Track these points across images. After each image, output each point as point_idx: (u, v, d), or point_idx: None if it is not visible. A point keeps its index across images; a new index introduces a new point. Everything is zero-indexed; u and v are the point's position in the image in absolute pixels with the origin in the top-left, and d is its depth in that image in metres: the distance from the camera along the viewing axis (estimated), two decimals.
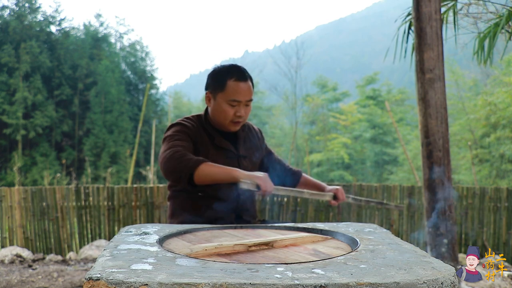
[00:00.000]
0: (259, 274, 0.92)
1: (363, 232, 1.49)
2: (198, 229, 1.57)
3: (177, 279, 0.88)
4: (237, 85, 1.94)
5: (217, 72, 2.00)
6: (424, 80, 3.10)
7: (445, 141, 3.09)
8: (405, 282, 0.90)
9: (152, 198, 5.50)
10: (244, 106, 1.97)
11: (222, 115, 1.97)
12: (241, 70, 1.98)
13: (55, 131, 23.07)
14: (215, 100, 1.98)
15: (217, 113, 1.99)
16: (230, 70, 1.97)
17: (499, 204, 5.39)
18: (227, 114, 1.96)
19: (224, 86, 1.95)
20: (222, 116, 1.97)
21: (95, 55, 25.25)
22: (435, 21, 3.10)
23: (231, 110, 1.95)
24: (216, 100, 1.98)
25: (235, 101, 1.94)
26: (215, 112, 2.00)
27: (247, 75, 1.99)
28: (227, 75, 1.95)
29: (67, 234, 5.48)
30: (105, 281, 0.87)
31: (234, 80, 1.94)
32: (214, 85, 1.99)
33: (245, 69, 2.02)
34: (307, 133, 23.44)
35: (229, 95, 1.94)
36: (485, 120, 14.46)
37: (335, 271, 0.96)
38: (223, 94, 1.95)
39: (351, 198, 2.28)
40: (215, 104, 1.99)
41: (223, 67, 2.01)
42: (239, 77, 1.95)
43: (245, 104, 1.97)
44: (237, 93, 1.94)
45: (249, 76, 2.00)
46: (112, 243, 1.25)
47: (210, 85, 2.02)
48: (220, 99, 1.96)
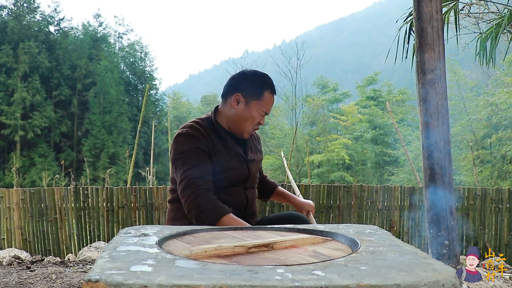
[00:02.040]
0: (259, 276, 0.91)
1: (363, 234, 1.48)
2: (198, 231, 1.56)
3: (176, 280, 0.87)
4: (270, 98, 2.01)
5: (255, 79, 2.01)
6: (425, 80, 3.09)
7: (446, 142, 3.08)
8: (406, 284, 0.90)
9: (151, 199, 5.49)
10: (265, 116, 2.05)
11: (249, 121, 1.99)
12: (273, 84, 2.05)
13: (54, 132, 23.07)
14: (247, 105, 1.98)
15: (243, 119, 1.99)
16: (266, 81, 2.01)
17: (501, 205, 5.38)
18: (254, 122, 2.00)
19: (261, 95, 1.98)
20: (248, 123, 2.00)
21: (94, 55, 25.27)
22: (436, 21, 3.09)
23: (257, 119, 2.00)
24: (248, 106, 1.98)
25: (265, 113, 2.02)
26: (241, 117, 1.99)
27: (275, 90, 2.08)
28: (265, 86, 1.99)
29: (65, 235, 5.47)
30: (104, 282, 0.86)
31: (269, 92, 2.00)
32: (250, 91, 1.98)
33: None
34: (307, 133, 23.42)
35: (263, 106, 1.99)
36: (486, 120, 14.48)
37: (335, 273, 0.96)
38: (259, 103, 1.98)
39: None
40: (245, 109, 1.98)
41: (258, 75, 2.03)
42: (273, 91, 2.02)
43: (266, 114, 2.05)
44: (269, 106, 2.02)
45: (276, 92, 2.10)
46: (111, 244, 1.24)
47: (245, 89, 1.99)
48: (254, 106, 1.98)
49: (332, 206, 5.55)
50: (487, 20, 4.29)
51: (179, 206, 2.01)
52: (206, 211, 1.82)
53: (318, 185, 5.62)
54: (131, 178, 6.82)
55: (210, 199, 1.84)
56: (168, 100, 23.23)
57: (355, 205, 5.54)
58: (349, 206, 5.54)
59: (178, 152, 1.93)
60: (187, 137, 1.93)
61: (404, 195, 5.56)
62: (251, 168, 2.06)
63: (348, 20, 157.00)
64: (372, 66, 72.61)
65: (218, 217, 1.81)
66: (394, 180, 18.27)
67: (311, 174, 19.67)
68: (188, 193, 1.85)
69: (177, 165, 1.93)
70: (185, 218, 1.97)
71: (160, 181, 21.43)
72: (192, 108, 34.12)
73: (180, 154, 1.92)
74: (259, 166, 2.20)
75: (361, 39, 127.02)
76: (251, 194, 2.09)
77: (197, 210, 1.83)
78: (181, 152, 1.92)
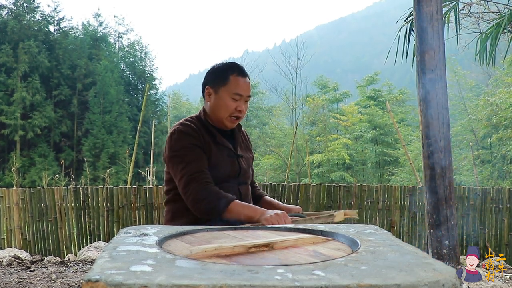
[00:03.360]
0: (259, 276, 0.91)
1: (363, 234, 1.48)
2: (198, 230, 1.56)
3: (176, 280, 0.87)
4: (239, 80, 1.99)
5: (218, 68, 2.04)
6: (425, 80, 3.09)
7: (447, 142, 3.08)
8: (406, 284, 0.89)
9: (151, 199, 5.49)
10: (244, 102, 2.01)
11: (223, 109, 1.98)
12: (241, 67, 2.04)
13: (54, 132, 23.07)
14: (217, 94, 2.00)
15: (217, 108, 2.00)
16: (231, 66, 2.03)
17: (501, 205, 5.38)
18: (228, 107, 1.98)
19: (227, 80, 1.98)
20: (223, 110, 1.99)
21: (94, 55, 25.27)
22: (437, 21, 3.09)
23: (233, 104, 1.98)
24: (218, 94, 2.00)
25: (238, 94, 1.98)
26: (215, 107, 2.01)
27: (247, 73, 2.06)
28: (229, 70, 2.00)
29: (65, 235, 5.47)
30: (104, 282, 0.86)
31: (236, 75, 1.99)
32: (215, 80, 2.02)
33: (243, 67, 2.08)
34: (307, 133, 23.42)
35: (232, 89, 1.97)
36: (486, 120, 14.48)
37: (335, 273, 0.95)
38: (226, 88, 1.98)
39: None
40: (216, 98, 2.00)
41: (223, 63, 2.06)
42: (240, 73, 2.01)
43: (244, 100, 2.01)
44: (240, 87, 1.98)
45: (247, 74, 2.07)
46: (111, 244, 1.24)
47: (210, 81, 2.04)
48: (223, 92, 1.98)
49: (332, 206, 5.55)
50: (487, 20, 4.29)
51: (175, 206, 2.02)
52: (213, 202, 1.84)
53: (318, 185, 5.63)
54: (131, 178, 6.82)
55: (215, 191, 1.87)
56: (168, 100, 23.24)
57: (355, 205, 5.54)
58: (349, 206, 5.54)
59: (174, 150, 1.95)
60: (180, 134, 1.96)
61: (404, 195, 5.56)
62: (241, 163, 2.07)
63: (348, 20, 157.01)
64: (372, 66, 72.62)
65: (226, 205, 1.84)
66: (394, 180, 18.26)
67: (311, 174, 19.67)
68: (191, 188, 1.87)
69: (174, 163, 1.94)
70: (182, 217, 1.98)
71: (160, 181, 21.41)
72: (192, 108, 34.08)
73: (176, 152, 1.94)
74: (250, 163, 2.19)
75: (361, 39, 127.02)
76: (244, 190, 2.11)
77: (204, 203, 1.85)
78: (176, 149, 1.94)
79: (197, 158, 1.92)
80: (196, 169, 1.89)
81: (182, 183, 1.90)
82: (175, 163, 1.94)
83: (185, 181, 1.89)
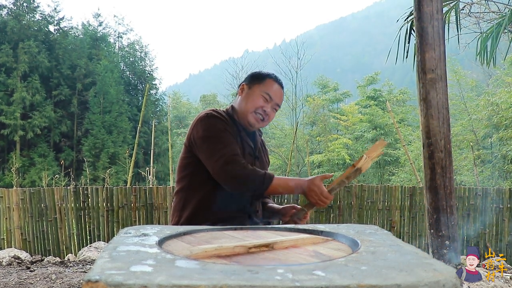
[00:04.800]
0: (259, 276, 0.91)
1: (364, 234, 1.48)
2: (198, 231, 1.56)
3: (176, 280, 0.87)
4: (274, 85, 2.08)
5: (259, 72, 2.15)
6: (426, 80, 3.09)
7: (447, 142, 3.08)
8: (406, 284, 0.89)
9: (151, 199, 5.48)
10: (272, 107, 2.07)
11: (250, 102, 2.04)
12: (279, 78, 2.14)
13: (54, 132, 23.07)
14: (250, 89, 2.08)
15: (246, 101, 2.06)
16: (271, 73, 2.13)
17: (501, 205, 5.38)
18: (256, 102, 2.03)
19: (263, 80, 2.08)
20: (250, 104, 2.04)
21: (94, 55, 25.27)
22: (437, 20, 3.09)
23: (261, 101, 2.04)
24: (251, 89, 2.07)
25: (268, 95, 2.04)
26: (244, 100, 2.07)
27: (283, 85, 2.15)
28: (269, 75, 2.11)
29: (65, 235, 5.47)
30: (104, 283, 0.86)
31: (273, 80, 2.09)
32: (253, 79, 2.10)
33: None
34: (307, 133, 23.44)
35: (265, 88, 2.05)
36: (487, 120, 14.48)
37: (336, 273, 0.95)
38: (260, 86, 2.06)
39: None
40: (248, 93, 2.07)
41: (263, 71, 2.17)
42: (277, 80, 2.11)
43: (273, 105, 2.08)
44: (273, 90, 2.06)
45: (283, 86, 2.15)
46: (111, 244, 1.24)
47: (247, 79, 2.13)
48: (256, 89, 2.06)
49: (332, 206, 5.55)
50: (487, 20, 4.29)
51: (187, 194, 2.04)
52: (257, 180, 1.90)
53: None
54: (131, 178, 6.83)
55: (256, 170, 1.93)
56: (168, 100, 23.22)
57: (356, 205, 5.54)
58: (349, 206, 5.54)
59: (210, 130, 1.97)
60: (215, 119, 2.00)
61: (404, 195, 5.56)
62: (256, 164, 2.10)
63: (349, 19, 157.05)
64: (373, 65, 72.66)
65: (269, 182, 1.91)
66: (394, 180, 18.26)
67: (312, 174, 19.67)
68: (231, 167, 1.90)
69: (210, 142, 1.96)
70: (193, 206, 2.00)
71: (160, 181, 21.44)
72: (192, 108, 34.10)
73: (213, 133, 1.97)
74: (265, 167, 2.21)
75: (361, 39, 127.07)
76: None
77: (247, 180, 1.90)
78: (213, 131, 1.97)
79: (232, 141, 1.97)
80: (235, 151, 1.94)
81: (221, 161, 1.91)
82: (211, 143, 1.95)
83: (224, 161, 1.91)
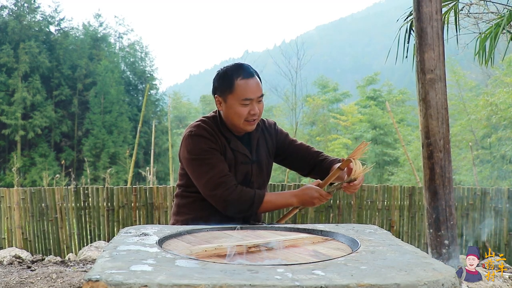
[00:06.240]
0: (259, 275, 0.92)
1: (363, 233, 1.49)
2: (198, 230, 1.56)
3: (176, 280, 0.87)
4: (245, 83, 1.89)
5: (223, 74, 1.95)
6: (425, 80, 3.09)
7: (446, 142, 3.08)
8: (405, 284, 0.90)
9: (151, 199, 5.49)
10: (256, 103, 1.91)
11: (236, 117, 1.91)
12: (246, 67, 1.93)
13: (54, 132, 23.08)
14: (226, 103, 1.92)
15: (230, 116, 1.93)
16: (235, 69, 1.92)
17: (500, 205, 5.38)
18: (240, 115, 1.90)
19: (232, 86, 1.89)
20: (236, 118, 1.91)
21: (94, 55, 25.29)
22: (436, 21, 3.09)
23: (244, 110, 1.89)
24: (227, 103, 1.92)
25: (247, 99, 1.88)
26: (228, 115, 1.94)
27: (253, 71, 1.94)
28: (233, 75, 1.90)
29: (66, 235, 5.47)
30: (105, 282, 0.86)
31: (241, 78, 1.89)
32: (222, 88, 1.93)
33: (249, 66, 1.97)
34: (307, 133, 23.43)
35: (240, 95, 1.88)
36: (486, 120, 14.47)
37: (335, 272, 0.96)
38: (233, 95, 1.89)
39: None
40: (226, 107, 1.92)
41: (227, 67, 1.96)
42: (245, 75, 1.90)
43: (257, 101, 1.91)
44: (247, 91, 1.88)
45: (255, 72, 1.95)
46: (111, 244, 1.24)
47: (217, 89, 1.96)
48: (231, 100, 1.90)
49: (332, 206, 5.55)
50: (486, 20, 4.30)
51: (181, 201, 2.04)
52: (246, 203, 1.87)
53: None
54: (131, 178, 6.83)
55: (245, 191, 1.88)
56: (169, 100, 23.22)
57: (355, 205, 5.54)
58: (349, 206, 5.54)
59: (193, 153, 1.91)
60: (199, 138, 1.92)
61: (404, 195, 5.56)
62: (254, 168, 2.03)
63: (348, 20, 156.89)
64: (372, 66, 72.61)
65: (260, 202, 1.89)
66: (394, 180, 18.26)
67: None
68: (220, 192, 1.86)
69: (195, 165, 1.91)
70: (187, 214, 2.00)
71: (161, 181, 21.43)
72: (192, 108, 34.09)
73: (197, 155, 1.91)
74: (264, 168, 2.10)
75: (361, 39, 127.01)
76: None
77: (237, 204, 1.87)
78: (196, 153, 1.91)
79: (219, 161, 1.90)
80: (221, 173, 1.88)
81: (209, 186, 1.88)
82: (196, 166, 1.91)
83: (212, 185, 1.87)
